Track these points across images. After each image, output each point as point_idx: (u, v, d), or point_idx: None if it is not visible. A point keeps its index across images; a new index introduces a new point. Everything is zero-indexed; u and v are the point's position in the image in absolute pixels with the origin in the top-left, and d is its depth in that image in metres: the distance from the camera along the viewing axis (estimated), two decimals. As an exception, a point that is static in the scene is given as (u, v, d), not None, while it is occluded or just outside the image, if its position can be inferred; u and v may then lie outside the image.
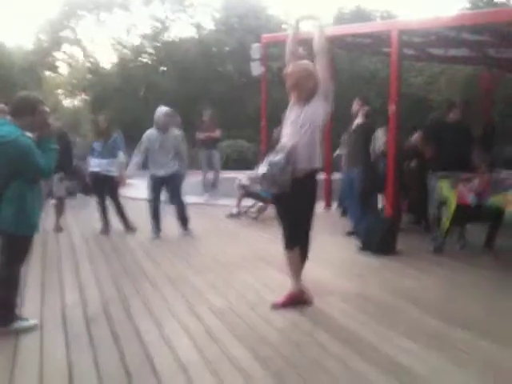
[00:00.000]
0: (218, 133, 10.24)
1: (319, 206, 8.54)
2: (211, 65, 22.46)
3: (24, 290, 4.49)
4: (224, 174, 10.91)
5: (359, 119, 6.52)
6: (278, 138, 4.23)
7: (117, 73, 22.59)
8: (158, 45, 23.50)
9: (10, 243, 3.54)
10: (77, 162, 10.72)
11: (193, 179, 9.21)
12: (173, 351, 3.27)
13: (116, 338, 3.49)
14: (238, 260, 5.61)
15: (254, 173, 3.94)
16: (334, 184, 8.90)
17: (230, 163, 16.64)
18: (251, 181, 7.87)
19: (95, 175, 7.16)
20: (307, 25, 4.30)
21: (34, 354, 3.27)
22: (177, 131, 6.96)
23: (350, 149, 6.64)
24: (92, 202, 8.81)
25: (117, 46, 23.64)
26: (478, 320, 3.81)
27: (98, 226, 7.39)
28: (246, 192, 8.21)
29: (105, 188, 7.17)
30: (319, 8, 31.35)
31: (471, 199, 5.48)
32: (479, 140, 7.74)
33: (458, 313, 3.95)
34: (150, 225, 6.93)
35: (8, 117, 3.67)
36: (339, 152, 8.30)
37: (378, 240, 5.79)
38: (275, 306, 4.03)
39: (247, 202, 8.38)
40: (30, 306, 4.13)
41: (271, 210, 6.08)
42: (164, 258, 5.75)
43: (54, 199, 7.30)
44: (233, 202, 8.68)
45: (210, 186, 10.27)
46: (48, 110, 3.69)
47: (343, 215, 8.06)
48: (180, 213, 6.96)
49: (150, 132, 6.85)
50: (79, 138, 12.15)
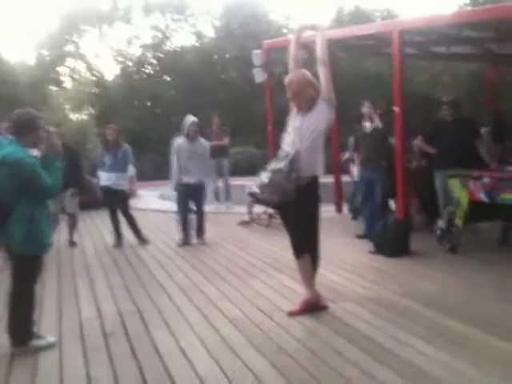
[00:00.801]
0: (227, 140, 10.22)
1: (330, 210, 8.60)
2: (214, 72, 22.54)
3: (41, 305, 4.53)
4: (234, 181, 10.92)
5: (376, 122, 6.46)
6: None
7: (121, 84, 22.73)
8: (160, 55, 23.64)
9: (21, 263, 3.56)
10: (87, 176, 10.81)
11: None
12: (190, 363, 3.27)
13: (134, 351, 3.51)
14: (251, 268, 5.62)
15: (257, 180, 3.91)
16: (343, 187, 8.90)
17: (239, 170, 16.68)
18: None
19: (106, 189, 7.20)
20: (309, 32, 4.33)
21: (53, 369, 3.30)
22: (203, 140, 7.13)
23: (367, 152, 6.59)
24: (103, 216, 8.87)
25: (119, 58, 23.80)
26: (498, 320, 3.77)
27: (110, 239, 7.44)
28: (256, 199, 8.20)
29: (116, 201, 7.20)
30: (318, 10, 31.41)
31: (482, 197, 5.45)
32: (489, 135, 7.73)
33: (477, 314, 3.92)
34: (163, 235, 6.97)
35: (10, 136, 3.69)
36: (347, 156, 8.27)
37: (391, 242, 5.77)
38: (291, 314, 4.02)
39: (259, 208, 8.38)
40: (47, 321, 4.16)
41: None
42: (178, 269, 5.76)
43: (66, 215, 7.34)
44: (244, 209, 8.69)
45: (219, 195, 10.26)
46: (53, 129, 3.71)
47: (354, 218, 8.05)
48: (200, 222, 7.08)
49: (180, 141, 7.02)
50: (87, 151, 12.21)
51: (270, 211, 8.20)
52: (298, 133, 3.91)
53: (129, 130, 17.36)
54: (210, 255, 6.35)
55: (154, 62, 23.96)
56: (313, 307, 4.07)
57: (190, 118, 7.02)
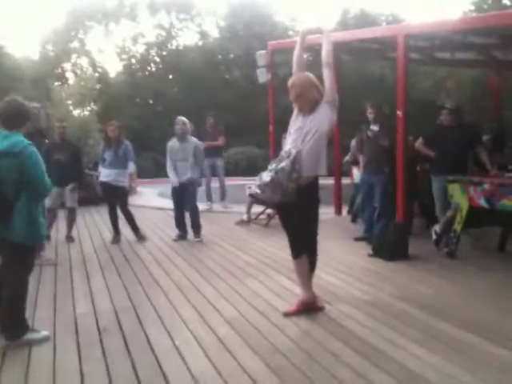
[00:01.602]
0: (222, 140, 10.20)
1: (329, 212, 8.59)
2: (218, 72, 22.56)
3: (36, 300, 4.53)
4: (234, 181, 10.92)
5: (379, 126, 6.47)
6: None
7: (124, 81, 22.76)
8: (165, 54, 23.66)
9: (21, 253, 3.57)
10: (87, 171, 10.84)
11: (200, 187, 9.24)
12: (185, 361, 3.26)
13: (128, 347, 3.50)
14: (248, 267, 5.61)
15: (258, 179, 3.90)
16: (343, 189, 8.89)
17: (239, 170, 16.68)
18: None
19: (105, 185, 7.20)
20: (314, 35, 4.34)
21: (46, 364, 3.29)
22: (195, 140, 7.18)
23: (370, 155, 6.58)
24: (102, 212, 8.88)
25: (124, 56, 23.83)
26: (493, 326, 3.76)
27: (108, 235, 7.44)
28: (257, 200, 8.21)
29: (115, 198, 7.20)
30: (323, 13, 31.41)
31: (482, 202, 5.44)
32: (491, 141, 7.74)
33: (472, 319, 3.91)
34: (161, 232, 6.98)
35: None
36: (348, 158, 8.27)
37: (389, 245, 5.76)
38: (287, 314, 4.02)
39: (257, 208, 8.39)
40: (42, 315, 4.15)
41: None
42: (174, 266, 5.76)
43: (66, 209, 7.34)
44: (242, 208, 8.69)
45: (212, 195, 10.22)
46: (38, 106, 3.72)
47: (353, 221, 8.04)
48: (193, 219, 7.09)
49: (171, 141, 7.14)
50: (89, 147, 12.22)
51: (268, 211, 8.21)
52: (301, 133, 3.92)
53: (130, 127, 17.39)
54: (208, 254, 6.34)
55: (157, 60, 24.00)
56: (309, 308, 4.07)
57: (178, 118, 7.11)
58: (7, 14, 34.04)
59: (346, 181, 8.78)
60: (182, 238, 7.16)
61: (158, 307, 4.33)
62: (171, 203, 7.47)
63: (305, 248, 4.05)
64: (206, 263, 5.85)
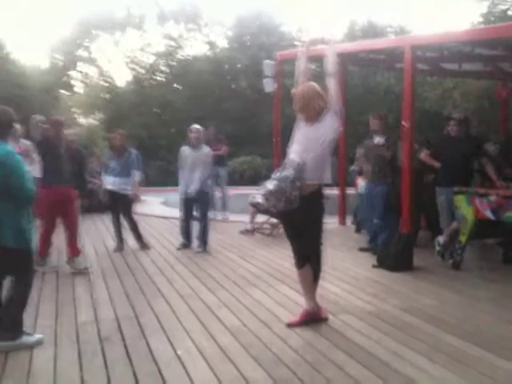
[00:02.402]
0: (224, 150, 10.19)
1: (334, 222, 8.55)
2: (224, 82, 22.65)
3: (38, 307, 4.51)
4: (239, 191, 10.91)
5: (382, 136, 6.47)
6: None
7: (132, 91, 22.89)
8: (173, 63, 23.79)
9: (11, 257, 3.57)
10: (91, 179, 10.85)
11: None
12: (186, 371, 3.22)
13: (129, 356, 3.47)
14: (252, 277, 5.57)
15: (261, 189, 3.89)
16: (347, 199, 8.85)
17: (244, 180, 16.66)
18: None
19: (110, 193, 7.19)
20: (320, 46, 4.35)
21: (47, 372, 3.26)
22: (208, 148, 7.15)
23: (374, 166, 6.54)
24: (106, 220, 8.88)
25: (131, 65, 23.98)
26: (498, 338, 3.71)
27: (111, 243, 7.42)
28: (258, 210, 8.18)
29: (119, 206, 7.20)
30: (331, 24, 31.52)
31: (488, 214, 5.40)
32: (498, 153, 7.69)
33: (477, 331, 3.87)
34: (165, 241, 6.97)
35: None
36: (354, 168, 8.25)
37: (394, 256, 5.72)
38: (290, 325, 3.98)
39: (261, 218, 8.35)
40: (44, 323, 4.13)
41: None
42: (177, 275, 5.73)
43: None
44: (246, 218, 8.66)
45: (216, 205, 10.20)
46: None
47: (358, 231, 8.00)
48: (202, 230, 7.07)
49: (184, 149, 7.08)
50: (94, 156, 12.26)
51: (272, 221, 8.17)
52: (305, 142, 3.92)
53: (137, 136, 17.44)
54: (211, 263, 6.31)
55: (165, 70, 24.13)
56: (313, 319, 4.03)
57: (192, 126, 7.09)
58: (14, 22, 34.42)
59: (350, 191, 8.75)
60: (185, 246, 7.12)
61: (160, 316, 4.30)
62: (176, 212, 7.44)
63: (309, 258, 4.02)
64: (209, 272, 5.82)
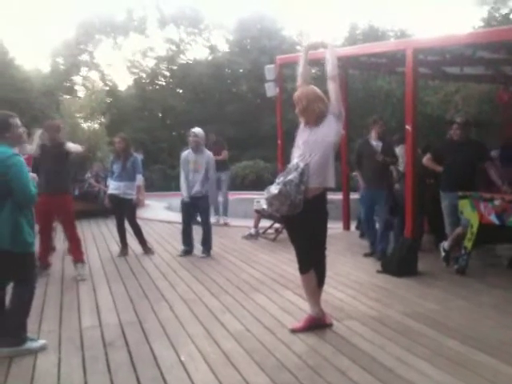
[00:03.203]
0: (224, 155, 10.18)
1: (338, 227, 8.54)
2: (226, 86, 22.69)
3: (42, 312, 4.52)
4: (241, 195, 10.90)
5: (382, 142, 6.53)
6: None
7: (134, 95, 22.94)
8: (174, 67, 23.84)
9: (10, 261, 3.56)
10: (89, 183, 10.88)
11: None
12: (189, 376, 3.22)
13: (133, 361, 3.46)
14: (255, 282, 5.57)
15: (266, 193, 3.90)
16: (352, 204, 8.84)
17: (246, 184, 16.66)
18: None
19: (113, 198, 7.19)
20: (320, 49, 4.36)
21: (51, 377, 3.26)
22: (209, 152, 7.12)
23: (372, 171, 6.55)
24: (110, 224, 8.88)
25: (133, 69, 24.04)
26: (501, 344, 3.70)
27: (116, 248, 7.42)
28: (264, 215, 8.18)
29: (123, 210, 7.20)
30: (331, 28, 31.53)
31: (493, 219, 5.38)
32: (499, 157, 7.67)
33: (480, 336, 3.85)
34: (169, 245, 6.97)
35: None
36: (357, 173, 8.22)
37: (398, 261, 5.70)
38: (294, 331, 3.97)
39: (265, 222, 8.35)
40: (48, 328, 4.13)
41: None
42: (180, 280, 5.73)
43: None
44: (248, 222, 8.66)
45: (218, 209, 10.19)
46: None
47: (362, 236, 7.98)
48: (204, 235, 7.05)
49: (185, 153, 7.06)
50: (97, 161, 12.28)
51: (276, 225, 8.17)
52: (308, 146, 3.92)
53: (139, 140, 17.47)
54: (214, 267, 6.31)
55: (167, 74, 24.18)
56: (316, 324, 4.02)
57: (192, 130, 7.06)
58: (17, 27, 34.56)
59: (354, 196, 8.73)
60: (187, 253, 7.05)
61: (163, 321, 4.30)
62: (179, 216, 7.42)
63: (313, 263, 4.01)
64: (213, 277, 5.82)
